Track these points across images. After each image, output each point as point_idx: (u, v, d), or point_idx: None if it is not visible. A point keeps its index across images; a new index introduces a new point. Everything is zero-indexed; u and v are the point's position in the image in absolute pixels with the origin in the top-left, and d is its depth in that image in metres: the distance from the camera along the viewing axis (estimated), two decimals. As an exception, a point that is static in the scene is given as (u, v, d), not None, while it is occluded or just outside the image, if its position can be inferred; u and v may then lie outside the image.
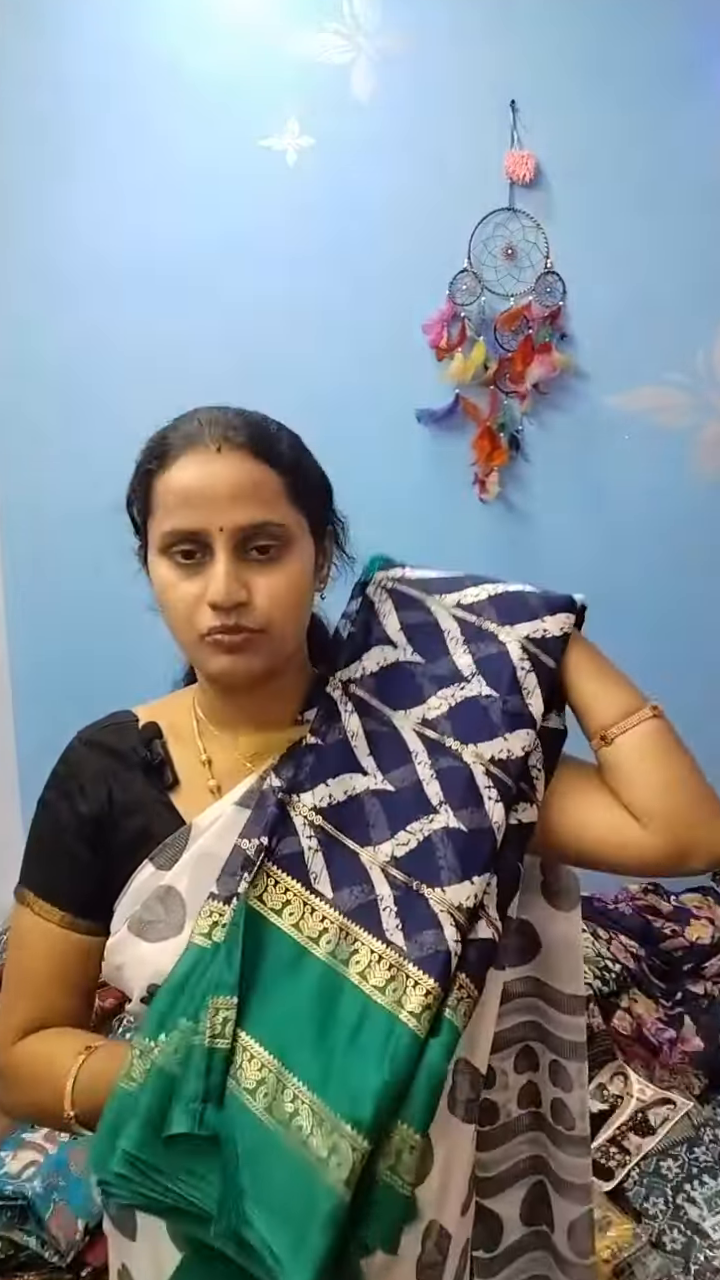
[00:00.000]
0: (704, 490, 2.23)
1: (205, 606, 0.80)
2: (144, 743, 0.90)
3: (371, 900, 0.80)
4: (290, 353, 2.12)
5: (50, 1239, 1.43)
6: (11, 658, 2.22)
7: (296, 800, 0.83)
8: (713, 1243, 1.59)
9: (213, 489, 0.80)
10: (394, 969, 0.77)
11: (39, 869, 0.91)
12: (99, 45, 2.05)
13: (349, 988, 0.77)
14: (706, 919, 2.12)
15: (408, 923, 0.79)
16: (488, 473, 2.15)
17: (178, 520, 0.80)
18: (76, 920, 0.88)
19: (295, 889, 0.81)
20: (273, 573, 0.82)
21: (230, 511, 0.80)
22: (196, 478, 0.80)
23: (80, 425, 2.12)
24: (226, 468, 0.80)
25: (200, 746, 0.91)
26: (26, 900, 0.89)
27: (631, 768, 0.85)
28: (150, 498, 0.84)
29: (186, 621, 0.81)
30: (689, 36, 2.08)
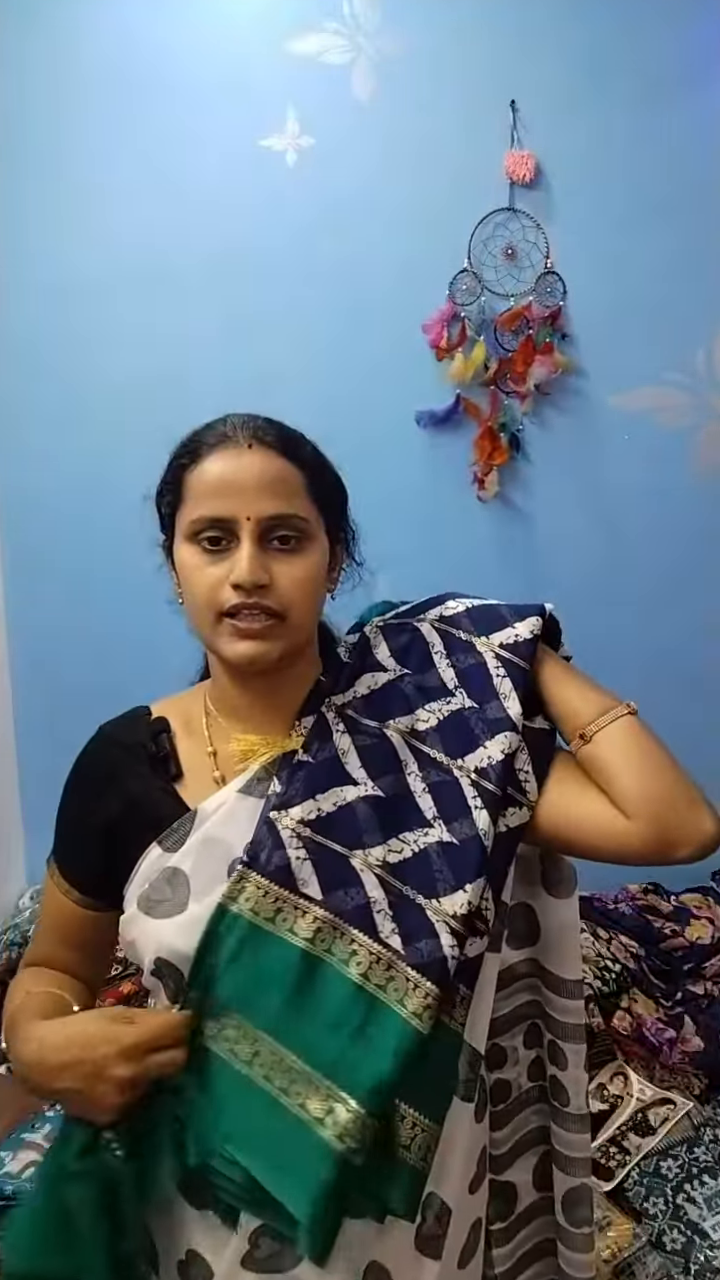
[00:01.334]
0: (704, 490, 2.23)
1: (228, 587, 0.86)
2: (152, 737, 0.95)
3: (364, 903, 0.84)
4: (290, 352, 2.11)
5: (50, 1239, 1.43)
6: (11, 657, 2.22)
7: (284, 815, 0.87)
8: (713, 1243, 1.59)
9: (242, 480, 0.86)
10: (392, 969, 0.82)
11: (60, 845, 1.00)
12: (98, 45, 2.05)
13: (351, 984, 0.82)
14: (706, 919, 2.12)
15: (403, 928, 0.83)
16: (487, 472, 2.15)
17: (207, 508, 0.87)
18: (83, 897, 0.97)
19: (284, 895, 0.85)
20: (293, 561, 0.88)
21: (257, 501, 0.86)
22: (227, 469, 0.87)
23: (80, 425, 2.12)
24: (255, 461, 0.87)
25: (208, 738, 0.96)
26: (50, 866, 1.00)
27: (612, 762, 0.89)
28: (181, 489, 0.90)
29: (209, 602, 0.87)
30: (689, 37, 2.08)
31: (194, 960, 0.84)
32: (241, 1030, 0.82)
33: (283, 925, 0.84)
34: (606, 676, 2.40)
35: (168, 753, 0.94)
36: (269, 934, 0.83)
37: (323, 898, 0.84)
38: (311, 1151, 0.77)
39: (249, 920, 0.84)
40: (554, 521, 2.21)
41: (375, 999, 0.81)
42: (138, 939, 0.89)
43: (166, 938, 0.86)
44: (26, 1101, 1.66)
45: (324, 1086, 0.78)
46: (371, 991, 0.81)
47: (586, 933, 2.04)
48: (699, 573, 2.25)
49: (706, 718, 2.29)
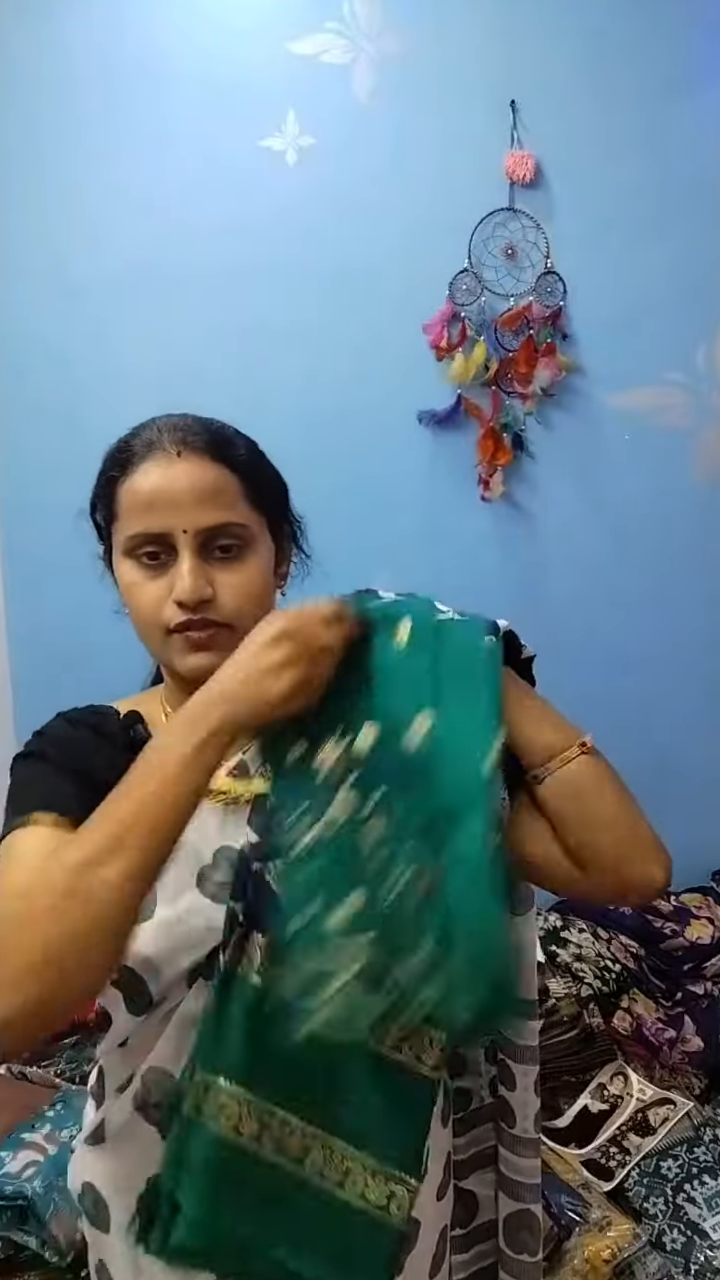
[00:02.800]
0: (704, 490, 2.23)
1: (171, 604, 0.83)
2: (126, 727, 0.92)
3: None
4: (290, 352, 2.11)
5: (50, 1239, 1.43)
6: (11, 657, 2.22)
7: (273, 866, 0.80)
8: (713, 1243, 1.59)
9: (175, 492, 0.84)
10: (407, 1035, 0.80)
11: (35, 797, 0.82)
12: (99, 45, 2.05)
13: (362, 1050, 0.79)
14: (706, 919, 2.12)
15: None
16: (491, 472, 2.15)
17: (142, 523, 0.84)
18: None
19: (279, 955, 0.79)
20: (235, 570, 0.85)
21: (193, 513, 0.83)
22: (158, 482, 0.84)
23: (80, 426, 2.12)
24: (187, 471, 0.84)
25: None
26: (29, 822, 0.79)
27: (560, 808, 0.85)
28: (114, 503, 0.87)
29: (153, 620, 0.85)
30: (689, 37, 2.08)
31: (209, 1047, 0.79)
32: (289, 1125, 0.78)
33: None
34: (607, 675, 2.41)
35: (146, 738, 0.88)
36: (275, 1001, 0.77)
37: None
38: (382, 1239, 0.79)
39: (254, 986, 0.78)
40: (556, 521, 2.21)
41: (391, 1061, 0.81)
42: None
43: (134, 943, 0.79)
44: (27, 1101, 1.67)
45: (376, 1168, 0.79)
46: (387, 1054, 0.80)
47: (587, 933, 2.04)
48: (700, 572, 2.25)
49: (709, 716, 2.30)
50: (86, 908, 0.69)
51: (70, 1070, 1.79)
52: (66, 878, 0.69)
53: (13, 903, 0.71)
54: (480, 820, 0.75)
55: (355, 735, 0.76)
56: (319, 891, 0.73)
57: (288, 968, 0.73)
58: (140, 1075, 0.86)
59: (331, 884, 0.73)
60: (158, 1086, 0.85)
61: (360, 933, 0.72)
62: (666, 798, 2.23)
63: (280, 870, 0.77)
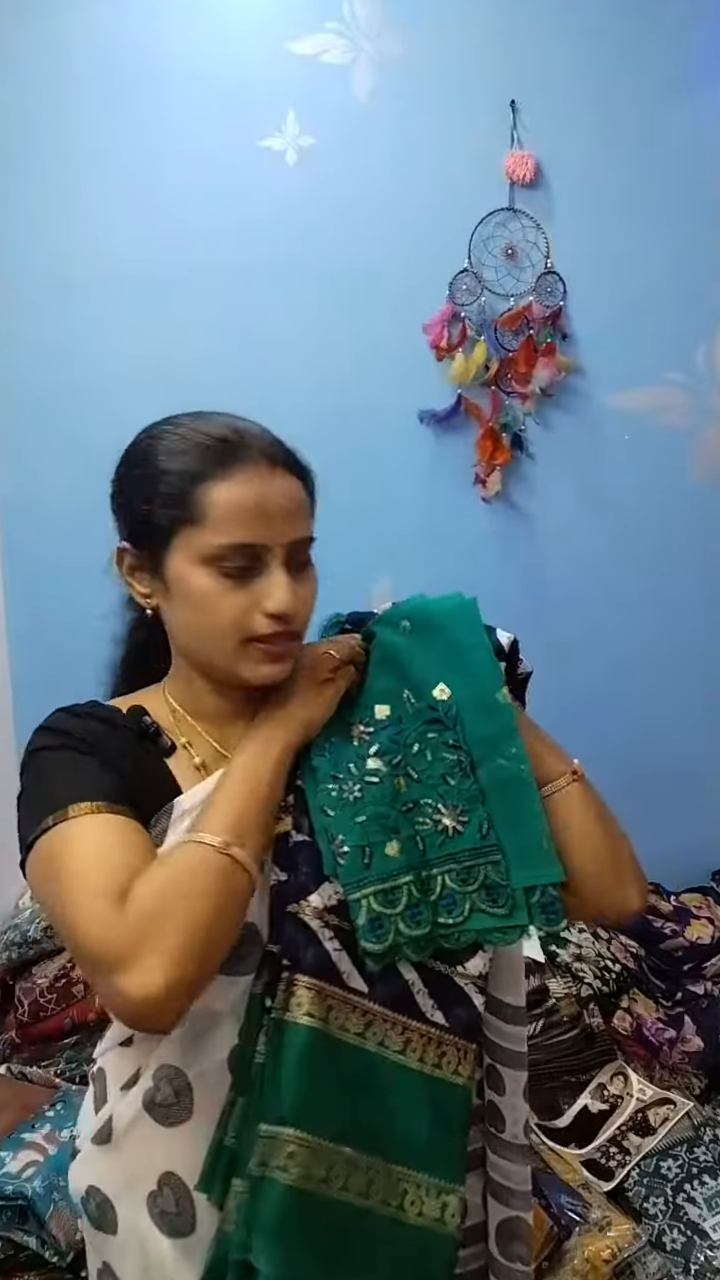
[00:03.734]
0: (704, 490, 2.23)
1: (258, 615, 0.84)
2: (133, 720, 0.91)
3: (404, 987, 0.85)
4: (290, 352, 2.12)
5: (50, 1239, 1.43)
6: (11, 657, 2.22)
7: (304, 905, 0.84)
8: (713, 1243, 1.59)
9: (272, 505, 0.84)
10: (442, 1045, 0.86)
11: (59, 788, 0.82)
12: (98, 45, 2.04)
13: (414, 1073, 0.84)
14: (706, 919, 2.12)
15: (441, 1001, 0.86)
16: (489, 472, 2.15)
17: (240, 534, 0.83)
18: (115, 805, 0.82)
19: (333, 993, 0.83)
20: (305, 583, 0.89)
21: (286, 527, 0.85)
22: (261, 494, 0.84)
23: (81, 426, 2.12)
24: (282, 485, 0.86)
25: (178, 733, 0.93)
26: (68, 816, 0.79)
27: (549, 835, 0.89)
28: (196, 507, 0.84)
29: (233, 629, 0.85)
30: (689, 37, 2.08)
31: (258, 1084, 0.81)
32: (346, 1157, 0.80)
33: (335, 1025, 0.82)
34: (607, 675, 2.41)
35: (158, 727, 0.91)
36: (331, 1038, 0.81)
37: (368, 989, 0.83)
38: (440, 1248, 0.83)
39: (307, 1027, 0.80)
40: (556, 521, 2.21)
41: (435, 1079, 0.84)
42: None
43: None
44: (27, 1101, 1.67)
45: (430, 1183, 0.83)
46: (430, 1073, 0.84)
47: (587, 933, 2.04)
48: (700, 572, 2.25)
49: (709, 716, 2.30)
50: (232, 883, 0.77)
51: (70, 1070, 1.79)
52: (214, 857, 0.76)
53: (154, 886, 0.75)
54: (514, 745, 0.87)
55: (372, 712, 0.89)
56: (369, 837, 0.83)
57: (351, 906, 0.82)
58: (150, 1073, 0.87)
59: (375, 832, 0.83)
60: (168, 1083, 0.86)
61: (401, 874, 0.83)
62: (666, 798, 2.26)
63: (332, 820, 0.85)
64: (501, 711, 0.87)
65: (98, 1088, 0.95)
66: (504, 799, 0.86)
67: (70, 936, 0.77)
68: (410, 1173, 0.83)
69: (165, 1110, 0.86)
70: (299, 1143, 0.78)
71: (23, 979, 1.88)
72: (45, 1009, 1.84)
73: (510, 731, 0.87)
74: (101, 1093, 0.94)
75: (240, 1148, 0.81)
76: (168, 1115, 0.86)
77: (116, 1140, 0.89)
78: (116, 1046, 0.92)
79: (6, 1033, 1.88)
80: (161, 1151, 0.86)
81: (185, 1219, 0.85)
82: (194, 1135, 0.85)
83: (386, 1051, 0.83)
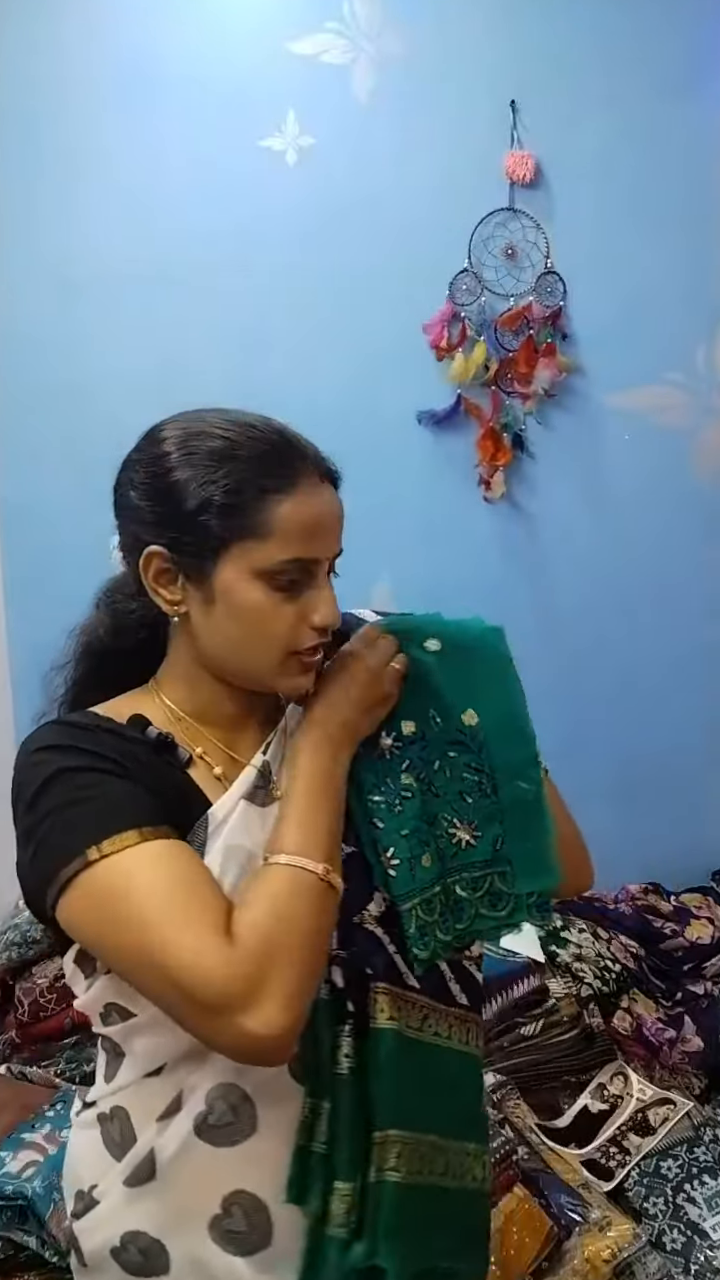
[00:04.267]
0: (705, 490, 2.23)
1: (305, 628, 0.84)
2: (138, 730, 0.86)
3: (440, 978, 0.92)
4: (290, 352, 2.12)
5: (50, 1239, 1.43)
6: (11, 657, 2.22)
7: (365, 915, 0.87)
8: (713, 1243, 1.59)
9: (328, 520, 0.86)
10: (466, 1023, 0.94)
11: (85, 821, 0.77)
12: (98, 45, 2.05)
13: (460, 1053, 0.93)
14: (706, 919, 2.12)
15: (463, 985, 0.94)
16: (492, 472, 2.15)
17: (303, 550, 0.83)
18: (157, 828, 0.77)
19: (402, 994, 0.88)
20: (332, 590, 0.88)
21: (334, 541, 0.87)
22: (316, 510, 0.84)
23: (81, 426, 2.12)
24: (331, 498, 0.87)
25: (188, 741, 0.89)
26: (112, 849, 0.74)
27: None
28: (263, 520, 0.81)
29: (283, 642, 0.84)
30: (689, 37, 2.08)
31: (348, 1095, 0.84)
32: (413, 1145, 0.85)
33: (405, 1023, 0.87)
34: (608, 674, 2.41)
35: (172, 739, 0.86)
36: (404, 1036, 0.86)
37: (421, 986, 0.89)
38: (483, 1206, 0.96)
39: (393, 1030, 0.85)
40: (556, 521, 2.21)
41: (468, 1054, 0.93)
42: None
43: None
44: (27, 1101, 1.66)
45: (477, 1150, 0.93)
46: (464, 1049, 0.93)
47: (587, 933, 2.04)
48: (700, 572, 2.25)
49: (709, 716, 2.30)
50: (330, 906, 0.79)
51: (70, 1070, 1.79)
52: (318, 885, 0.77)
53: (261, 916, 0.74)
54: (536, 771, 0.91)
55: (399, 727, 0.90)
56: (413, 850, 0.87)
57: (403, 916, 0.86)
58: (197, 1095, 0.83)
59: (416, 845, 0.87)
60: (222, 1101, 0.82)
61: (434, 884, 0.88)
62: (667, 798, 2.26)
63: (381, 832, 0.87)
64: (528, 741, 0.91)
65: (114, 1130, 0.87)
66: (520, 817, 0.90)
67: (167, 979, 0.71)
68: (466, 1144, 0.92)
69: (223, 1131, 0.82)
70: (403, 1142, 0.84)
71: (23, 979, 1.88)
72: (45, 1009, 1.84)
73: (534, 758, 0.91)
74: (126, 1133, 0.86)
75: (334, 1153, 0.82)
76: (228, 1135, 0.82)
77: (162, 1174, 0.83)
78: (140, 1080, 0.85)
79: (6, 1033, 1.88)
80: (225, 1173, 0.83)
81: (259, 1234, 0.83)
82: (264, 1149, 0.83)
83: (439, 1040, 0.90)
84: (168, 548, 0.84)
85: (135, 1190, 0.84)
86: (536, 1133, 1.75)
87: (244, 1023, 0.70)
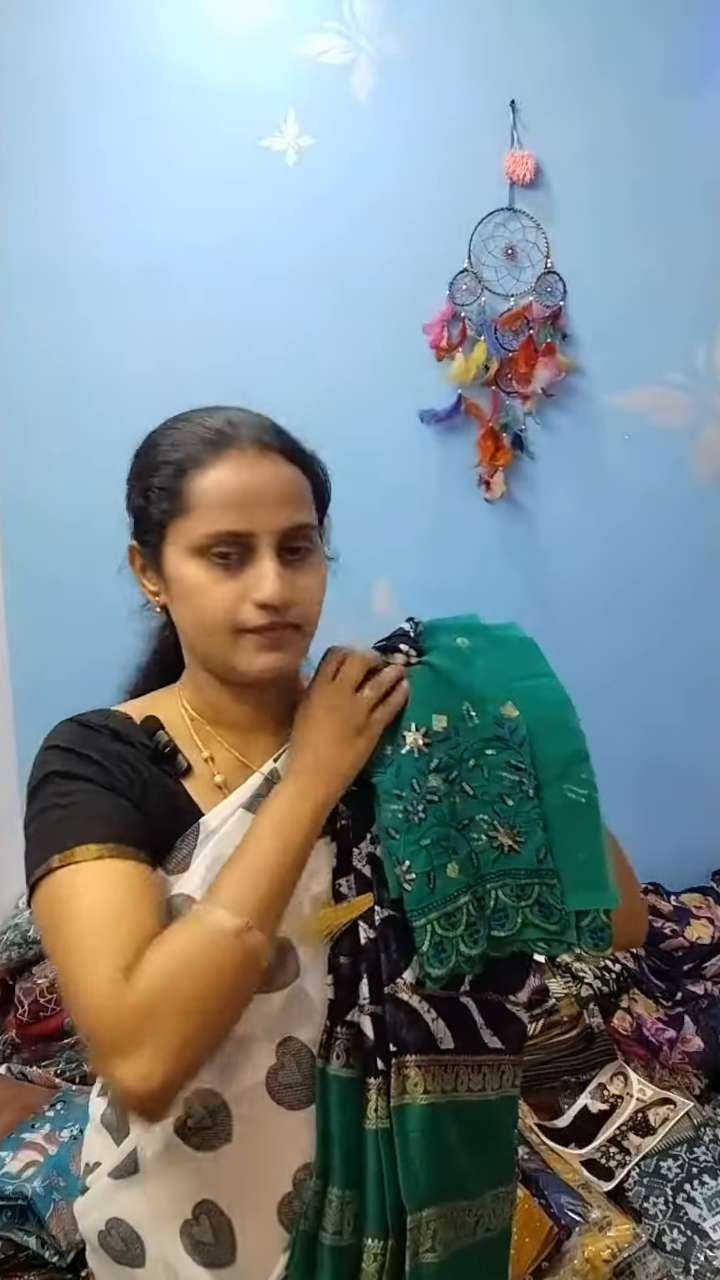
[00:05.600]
0: (705, 491, 2.23)
1: (248, 605, 0.81)
2: (147, 734, 0.88)
3: (471, 1024, 0.87)
4: (290, 352, 2.12)
5: (50, 1239, 1.43)
6: (11, 658, 2.22)
7: (400, 984, 0.83)
8: (713, 1243, 1.59)
9: (260, 492, 0.82)
10: (501, 1066, 0.90)
11: (62, 828, 0.79)
12: (98, 46, 2.04)
13: (491, 1104, 0.89)
14: (706, 919, 2.12)
15: (496, 1027, 0.89)
16: (492, 473, 2.15)
17: (224, 522, 0.81)
18: (124, 848, 0.78)
19: (433, 1062, 0.83)
20: (305, 573, 0.85)
21: (275, 514, 0.82)
22: (243, 480, 0.82)
23: (80, 425, 2.12)
24: (271, 471, 0.83)
25: (198, 744, 0.90)
26: (71, 859, 0.77)
27: None
28: (184, 497, 0.82)
29: (224, 621, 0.82)
30: (689, 36, 2.07)
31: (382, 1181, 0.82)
32: (448, 1216, 0.83)
33: (437, 1091, 0.83)
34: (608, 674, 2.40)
35: (173, 747, 0.87)
36: (439, 1107, 0.82)
37: (455, 1046, 0.85)
38: (506, 1243, 0.94)
39: (426, 1105, 0.81)
40: (558, 521, 2.21)
41: (505, 1098, 0.90)
42: None
43: None
44: (27, 1101, 1.67)
45: (503, 1193, 0.91)
46: (500, 1097, 0.89)
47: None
48: (700, 571, 2.25)
49: (709, 716, 2.30)
50: (246, 973, 0.74)
51: (70, 1070, 1.79)
52: (230, 943, 0.73)
53: (163, 963, 0.71)
54: (585, 771, 0.85)
55: (430, 722, 0.85)
56: (433, 861, 0.81)
57: (416, 931, 0.80)
58: (181, 1096, 0.81)
59: (438, 855, 0.81)
60: (200, 1104, 0.82)
61: (460, 894, 0.82)
62: (667, 798, 2.26)
63: (398, 843, 0.82)
64: (576, 736, 0.85)
65: (112, 1113, 0.91)
66: (567, 825, 0.83)
67: (70, 1000, 0.74)
68: (499, 1190, 0.90)
69: (200, 1135, 0.82)
70: (442, 1219, 0.82)
71: (23, 979, 1.88)
72: (45, 1009, 1.84)
73: (582, 756, 0.85)
74: (123, 1125, 0.89)
75: (352, 1242, 0.81)
76: (206, 1140, 0.82)
77: (145, 1171, 0.85)
78: None
79: (6, 1033, 1.88)
80: (198, 1179, 0.83)
81: (224, 1249, 0.82)
82: (236, 1162, 0.82)
83: (473, 1095, 0.86)
84: (139, 542, 0.89)
85: (118, 1183, 0.87)
86: (537, 1133, 1.75)
87: (116, 1069, 0.69)
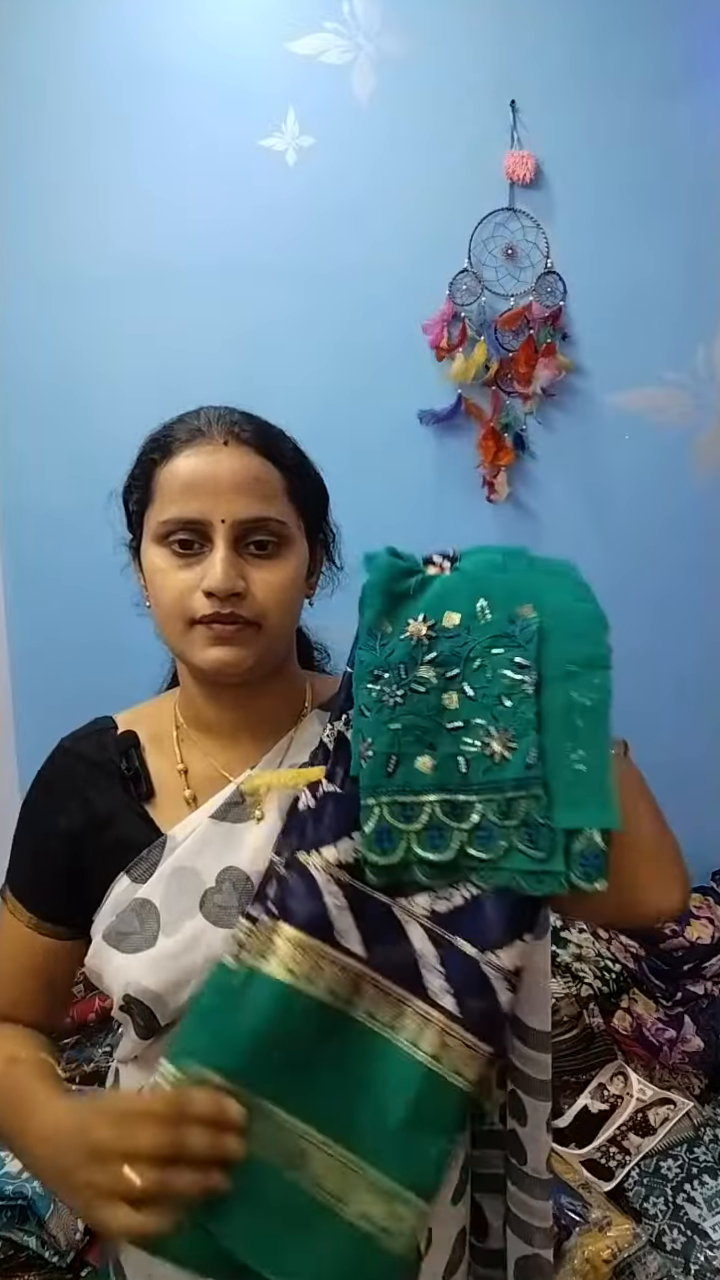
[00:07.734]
0: (705, 491, 2.23)
1: (199, 594, 0.81)
2: (121, 753, 0.90)
3: (409, 956, 0.75)
4: (290, 353, 2.12)
5: (50, 1239, 1.43)
6: (11, 658, 2.22)
7: (314, 855, 0.76)
8: (713, 1243, 1.59)
9: (216, 479, 0.81)
10: (446, 1035, 0.73)
11: (17, 870, 0.94)
12: (99, 44, 2.04)
13: (399, 1054, 0.73)
14: (706, 919, 2.12)
15: (457, 986, 0.74)
16: (495, 473, 2.15)
17: (178, 508, 0.81)
18: (42, 923, 0.92)
19: (323, 950, 0.74)
20: (269, 568, 0.83)
21: (232, 503, 0.81)
22: (201, 467, 0.82)
23: (80, 425, 2.12)
24: (231, 460, 0.82)
25: (178, 755, 0.91)
26: (5, 897, 0.94)
27: None
28: (151, 487, 0.85)
29: (177, 610, 0.82)
30: (689, 36, 2.07)
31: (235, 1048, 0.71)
32: (284, 1126, 0.70)
33: (321, 987, 0.73)
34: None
35: (138, 771, 0.89)
36: (310, 998, 0.72)
37: (366, 954, 0.74)
38: (385, 1268, 0.70)
39: (286, 984, 0.72)
40: (556, 521, 2.21)
41: (425, 1069, 0.72)
42: (105, 973, 0.85)
43: (135, 974, 0.81)
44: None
45: (385, 1186, 0.70)
46: (420, 1060, 0.72)
47: (587, 933, 2.04)
48: (700, 572, 2.25)
49: (709, 716, 2.30)
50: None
51: (70, 1070, 1.79)
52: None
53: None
54: (601, 677, 0.76)
55: (441, 616, 0.78)
56: (399, 746, 0.75)
57: (363, 811, 0.74)
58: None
59: (408, 743, 0.75)
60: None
61: (427, 791, 0.75)
62: (666, 798, 2.24)
63: (367, 721, 0.76)
64: (597, 645, 0.76)
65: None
66: (564, 728, 0.74)
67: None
68: (363, 1164, 0.71)
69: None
70: (272, 1119, 0.71)
71: (23, 979, 1.88)
72: (45, 1009, 1.84)
73: (600, 660, 0.75)
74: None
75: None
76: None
77: None
78: (123, 1063, 0.91)
79: (7, 1033, 1.88)
80: None
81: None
82: None
83: (373, 1023, 0.74)
84: (131, 536, 0.92)
85: None
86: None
87: None
